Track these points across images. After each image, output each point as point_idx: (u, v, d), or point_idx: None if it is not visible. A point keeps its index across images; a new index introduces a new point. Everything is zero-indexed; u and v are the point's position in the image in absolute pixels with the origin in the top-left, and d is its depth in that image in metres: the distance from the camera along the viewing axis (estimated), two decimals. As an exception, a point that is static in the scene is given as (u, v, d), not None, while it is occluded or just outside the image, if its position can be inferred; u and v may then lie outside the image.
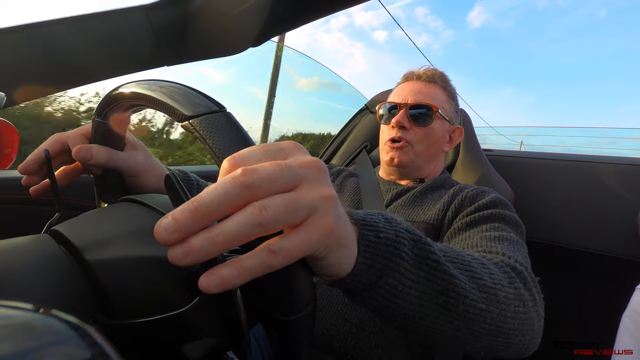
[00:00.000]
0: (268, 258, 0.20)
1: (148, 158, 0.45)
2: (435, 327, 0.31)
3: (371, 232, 0.28)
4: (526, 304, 0.38)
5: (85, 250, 0.26)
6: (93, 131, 0.39)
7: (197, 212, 0.19)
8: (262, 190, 0.20)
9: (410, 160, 0.75)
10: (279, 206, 0.20)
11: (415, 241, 0.30)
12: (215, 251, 0.19)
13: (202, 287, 0.19)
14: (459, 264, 0.34)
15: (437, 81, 0.77)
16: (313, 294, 0.25)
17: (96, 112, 0.37)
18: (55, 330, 0.14)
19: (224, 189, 0.19)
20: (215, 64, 4.52)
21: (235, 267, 0.20)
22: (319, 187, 0.22)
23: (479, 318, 0.33)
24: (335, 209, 0.22)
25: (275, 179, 0.20)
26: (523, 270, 0.42)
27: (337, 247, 0.24)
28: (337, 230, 0.23)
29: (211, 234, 0.19)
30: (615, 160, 0.99)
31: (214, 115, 0.25)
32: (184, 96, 0.27)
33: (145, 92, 0.29)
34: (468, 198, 0.65)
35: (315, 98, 7.08)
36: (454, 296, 0.31)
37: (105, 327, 0.25)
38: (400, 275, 0.28)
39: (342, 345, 0.58)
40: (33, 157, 0.39)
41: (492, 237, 0.52)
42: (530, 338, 0.38)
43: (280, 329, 0.25)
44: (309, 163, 0.22)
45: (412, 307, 0.30)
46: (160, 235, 0.18)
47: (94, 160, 0.39)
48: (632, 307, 0.61)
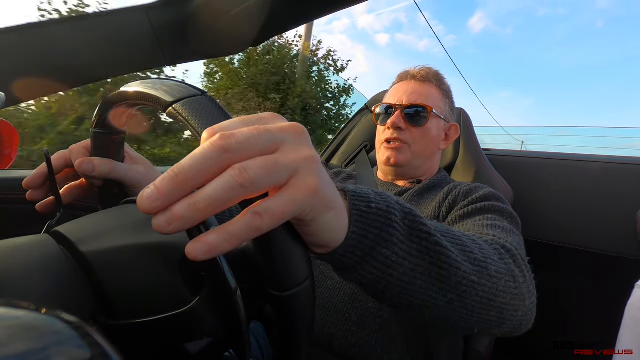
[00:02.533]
0: (253, 220, 0.20)
1: (149, 169, 0.46)
2: (429, 300, 0.31)
3: (362, 203, 0.28)
4: (517, 279, 0.38)
5: (79, 243, 0.26)
6: (92, 143, 0.40)
7: (177, 178, 0.19)
8: (242, 153, 0.20)
9: (407, 159, 0.75)
10: (260, 167, 0.19)
11: (407, 213, 0.30)
12: (198, 217, 0.19)
13: (189, 255, 0.19)
14: (450, 238, 0.34)
15: (431, 80, 0.77)
16: (309, 268, 0.25)
17: (93, 123, 0.38)
18: (56, 330, 0.14)
19: (203, 154, 0.19)
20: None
21: (221, 233, 0.20)
22: (300, 148, 0.22)
23: (471, 290, 0.33)
24: (317, 169, 0.22)
25: (254, 142, 0.20)
26: (512, 249, 0.42)
27: (324, 209, 0.23)
28: (321, 190, 0.22)
29: (193, 200, 0.19)
30: (615, 159, 0.99)
31: (196, 98, 0.25)
32: (166, 85, 0.27)
33: (131, 89, 0.30)
34: (462, 193, 0.66)
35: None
36: (446, 268, 0.31)
37: (105, 327, 0.26)
38: (394, 246, 0.28)
39: (343, 344, 0.58)
40: (37, 172, 0.40)
41: (485, 225, 0.52)
42: (523, 314, 0.38)
43: (277, 307, 0.25)
44: (288, 127, 0.22)
45: (406, 279, 0.30)
46: (143, 205, 0.19)
47: (96, 172, 0.39)
48: (633, 303, 0.61)
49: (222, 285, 0.25)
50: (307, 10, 0.60)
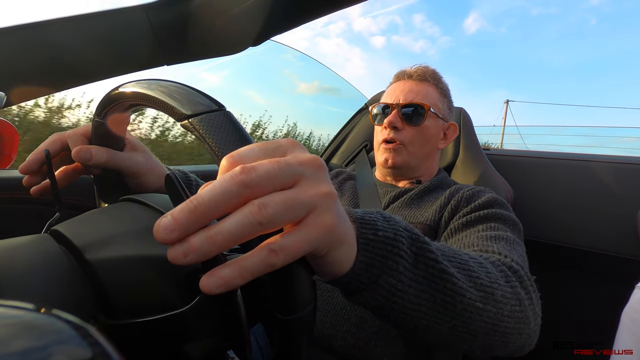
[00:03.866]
0: (269, 257, 0.20)
1: (148, 158, 0.45)
2: (433, 325, 0.31)
3: (370, 231, 0.28)
4: (522, 302, 0.38)
5: (85, 250, 0.26)
6: (93, 131, 0.39)
7: (196, 210, 0.19)
8: (261, 188, 0.20)
9: (405, 161, 0.75)
10: (279, 204, 0.19)
11: (414, 239, 0.30)
12: (214, 250, 0.19)
13: (203, 289, 0.19)
14: (456, 263, 0.34)
15: (428, 79, 0.76)
16: (313, 292, 0.25)
17: (96, 112, 0.37)
18: (56, 330, 0.14)
19: (223, 187, 0.19)
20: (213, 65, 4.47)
21: (236, 268, 0.20)
22: (318, 184, 0.22)
23: (476, 317, 0.33)
24: (335, 206, 0.22)
25: (274, 176, 0.20)
26: (519, 269, 0.42)
27: (338, 245, 0.24)
28: (337, 228, 0.23)
29: (210, 233, 0.19)
30: (615, 159, 0.99)
31: (214, 114, 0.25)
32: (184, 95, 0.27)
33: (145, 92, 0.29)
34: (464, 198, 0.65)
35: (314, 102, 7.00)
36: (451, 294, 0.31)
37: (105, 327, 0.25)
38: (399, 274, 0.28)
39: (342, 345, 0.58)
40: (33, 156, 0.39)
41: (489, 237, 0.52)
42: (527, 337, 0.38)
43: (280, 328, 0.25)
44: (307, 160, 0.22)
45: (411, 305, 0.30)
46: (160, 235, 0.18)
47: (93, 161, 0.39)
48: (631, 305, 0.61)
49: None
50: (307, 10, 0.60)
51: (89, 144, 0.40)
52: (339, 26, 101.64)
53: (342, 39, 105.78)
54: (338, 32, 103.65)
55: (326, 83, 3.75)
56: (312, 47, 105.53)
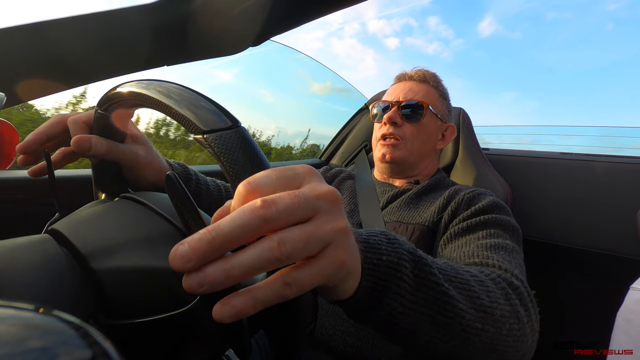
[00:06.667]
0: (282, 290, 0.20)
1: (149, 152, 0.45)
2: (432, 345, 0.32)
3: (374, 255, 0.28)
4: (521, 320, 0.39)
5: (91, 259, 0.26)
6: (94, 122, 0.39)
7: (214, 242, 0.19)
8: (280, 223, 0.20)
9: (403, 156, 0.75)
10: (297, 241, 0.20)
11: (416, 262, 0.31)
12: (230, 283, 0.19)
13: (216, 317, 0.19)
14: (457, 283, 0.34)
15: (428, 81, 0.78)
16: (315, 310, 0.26)
17: (99, 103, 0.36)
18: (56, 330, 0.14)
19: (243, 220, 0.19)
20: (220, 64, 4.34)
21: (249, 298, 0.20)
22: (335, 219, 0.22)
23: (475, 337, 0.33)
24: (348, 241, 0.23)
25: (292, 211, 0.20)
26: (519, 286, 0.43)
27: (346, 277, 0.25)
28: (348, 262, 0.23)
29: (228, 265, 0.19)
30: (614, 159, 0.99)
31: (230, 132, 0.25)
32: (200, 108, 0.26)
33: (159, 98, 0.28)
34: (465, 201, 0.65)
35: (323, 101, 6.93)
36: (451, 316, 0.32)
37: (105, 327, 0.26)
38: (401, 297, 0.29)
39: (341, 345, 0.58)
40: (32, 137, 0.39)
41: (489, 246, 0.52)
42: (524, 353, 0.39)
43: (280, 341, 0.26)
44: (325, 194, 0.22)
45: (411, 326, 0.30)
46: (176, 263, 0.18)
47: (92, 152, 0.39)
48: (627, 305, 0.61)
49: None
50: (307, 10, 0.60)
51: (89, 133, 0.39)
52: (353, 27, 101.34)
53: (356, 40, 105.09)
54: (352, 33, 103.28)
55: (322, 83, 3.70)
56: (326, 47, 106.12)
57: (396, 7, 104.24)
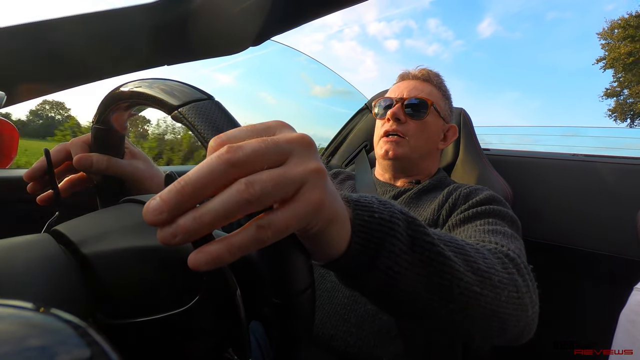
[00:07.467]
0: (257, 233, 0.20)
1: (149, 166, 0.46)
2: (430, 310, 0.31)
3: (365, 212, 0.28)
4: (520, 289, 0.38)
5: (81, 245, 0.26)
6: (92, 138, 0.40)
7: (183, 191, 0.19)
8: (249, 166, 0.19)
9: (405, 153, 0.75)
10: (266, 182, 0.19)
11: (410, 222, 0.30)
12: (203, 230, 0.19)
13: (192, 265, 0.19)
14: (453, 247, 0.34)
15: (431, 80, 0.78)
16: (311, 277, 0.25)
17: (93, 118, 0.38)
18: (56, 329, 0.14)
19: (210, 166, 0.19)
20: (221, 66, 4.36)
21: (224, 244, 0.20)
22: (307, 161, 0.21)
23: (473, 301, 0.32)
24: (324, 182, 0.22)
25: (261, 154, 0.20)
26: (516, 257, 0.42)
27: (329, 222, 0.24)
28: (327, 204, 0.22)
29: (198, 213, 0.19)
30: (614, 159, 0.99)
31: (202, 103, 0.25)
32: (172, 88, 0.27)
33: (136, 89, 0.29)
34: (462, 196, 0.65)
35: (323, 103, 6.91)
36: (448, 278, 0.31)
37: (105, 327, 0.26)
38: (396, 256, 0.28)
39: (342, 345, 0.58)
40: (38, 164, 0.40)
41: (487, 230, 0.52)
42: (525, 324, 0.38)
43: (279, 314, 0.25)
44: (295, 138, 0.22)
45: (407, 289, 0.29)
46: (149, 217, 0.18)
47: (94, 168, 0.40)
48: (630, 306, 0.61)
49: (222, 285, 0.25)
50: (307, 10, 0.60)
51: (90, 152, 0.41)
52: (353, 30, 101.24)
53: (356, 42, 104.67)
54: (352, 36, 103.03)
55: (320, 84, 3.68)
56: (326, 50, 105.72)
57: (396, 8, 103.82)
